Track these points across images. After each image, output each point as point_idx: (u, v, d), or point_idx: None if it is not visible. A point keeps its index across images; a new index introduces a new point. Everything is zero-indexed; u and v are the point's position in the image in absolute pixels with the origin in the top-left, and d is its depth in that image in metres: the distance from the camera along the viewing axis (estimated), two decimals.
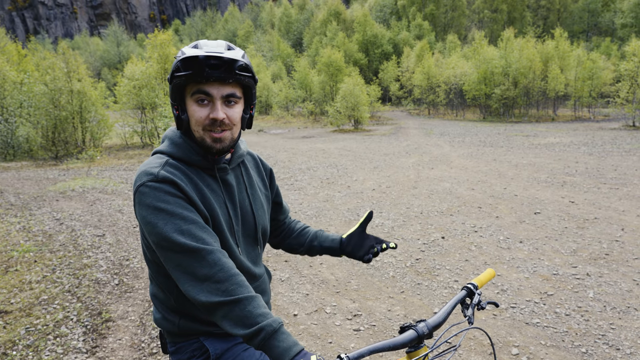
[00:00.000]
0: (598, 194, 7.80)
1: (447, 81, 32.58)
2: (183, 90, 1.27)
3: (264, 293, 1.52)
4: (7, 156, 16.60)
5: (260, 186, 1.54)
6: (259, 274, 1.47)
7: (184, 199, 1.23)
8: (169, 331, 1.40)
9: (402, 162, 12.40)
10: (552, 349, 3.21)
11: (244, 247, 1.43)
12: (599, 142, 15.20)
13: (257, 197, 1.49)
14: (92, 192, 9.39)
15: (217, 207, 1.32)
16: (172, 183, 1.23)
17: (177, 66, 1.23)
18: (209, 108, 1.25)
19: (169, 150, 1.33)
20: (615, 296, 4.00)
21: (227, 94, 1.26)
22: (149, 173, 1.23)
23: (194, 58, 1.20)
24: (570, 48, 31.54)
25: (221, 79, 1.22)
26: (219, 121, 1.25)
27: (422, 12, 57.84)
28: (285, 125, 29.72)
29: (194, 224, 1.20)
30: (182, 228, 1.18)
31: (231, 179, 1.41)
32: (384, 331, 3.54)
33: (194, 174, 1.31)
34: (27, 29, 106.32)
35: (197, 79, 1.22)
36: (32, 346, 3.39)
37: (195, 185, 1.29)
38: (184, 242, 1.16)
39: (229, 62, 1.21)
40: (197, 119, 1.26)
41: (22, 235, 6.30)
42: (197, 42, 1.28)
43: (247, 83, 1.29)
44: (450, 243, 5.61)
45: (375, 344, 1.06)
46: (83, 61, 19.16)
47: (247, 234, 1.44)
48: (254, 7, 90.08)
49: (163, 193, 1.21)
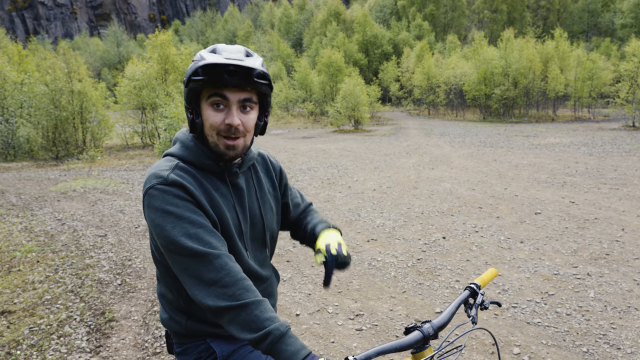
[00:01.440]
0: (598, 194, 7.82)
1: (447, 81, 32.61)
2: (199, 94, 1.27)
3: (271, 296, 1.52)
4: (7, 156, 16.62)
5: (270, 188, 1.54)
6: (266, 277, 1.48)
7: (193, 203, 1.24)
8: (175, 332, 1.41)
9: (403, 162, 12.42)
10: (554, 348, 3.23)
11: (252, 250, 1.43)
12: (599, 143, 15.22)
13: (266, 201, 1.49)
14: (93, 193, 9.41)
15: (226, 211, 1.32)
16: (181, 186, 1.23)
17: (196, 70, 1.22)
18: (225, 113, 1.25)
19: (180, 153, 1.33)
20: (615, 296, 4.02)
21: (244, 99, 1.26)
22: (158, 176, 1.24)
23: (215, 65, 1.20)
24: (570, 48, 31.60)
25: (239, 86, 1.23)
26: (234, 127, 1.25)
27: (422, 13, 57.90)
28: (285, 126, 29.74)
29: (202, 227, 1.21)
30: (190, 232, 1.19)
31: (241, 183, 1.41)
32: (386, 331, 3.55)
33: (204, 178, 1.31)
34: (27, 30, 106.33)
35: (214, 84, 1.22)
36: (36, 346, 3.41)
37: (205, 189, 1.30)
38: (191, 246, 1.17)
39: (247, 70, 1.21)
40: (212, 123, 1.26)
41: (24, 236, 6.32)
42: (215, 47, 1.28)
43: (264, 90, 1.29)
44: (451, 243, 5.63)
45: (382, 346, 1.06)
46: (83, 61, 19.18)
47: (256, 237, 1.45)
48: (253, 8, 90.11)
49: (172, 196, 1.21)
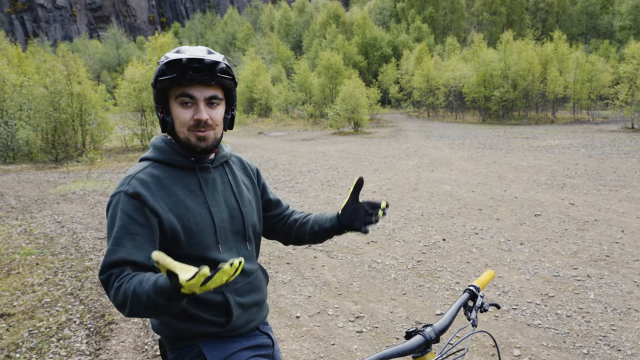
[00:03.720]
0: (598, 196, 7.82)
1: (447, 84, 32.64)
2: (167, 93, 1.34)
3: (258, 290, 1.50)
4: (7, 159, 16.61)
5: (248, 185, 1.56)
6: (249, 271, 1.47)
7: (139, 215, 1.27)
8: (167, 337, 1.40)
9: (403, 164, 12.42)
10: (554, 350, 3.22)
11: (234, 244, 1.44)
12: (598, 145, 15.24)
13: (243, 195, 1.50)
14: (92, 195, 9.40)
15: (192, 208, 1.35)
16: (134, 196, 1.29)
17: (162, 70, 1.29)
18: (193, 110, 1.32)
19: (152, 155, 1.40)
20: (616, 297, 4.01)
21: (210, 96, 1.32)
22: (121, 183, 1.33)
23: (178, 61, 1.26)
24: (569, 50, 31.68)
25: (203, 82, 1.28)
26: (203, 122, 1.31)
27: (421, 15, 57.97)
28: (285, 128, 29.75)
29: (129, 242, 1.25)
30: (112, 248, 1.24)
31: (215, 177, 1.44)
32: (387, 333, 3.55)
33: (172, 177, 1.36)
34: (26, 32, 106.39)
35: (180, 82, 1.28)
36: (35, 349, 3.40)
37: (168, 191, 1.34)
38: (103, 263, 1.23)
39: (210, 65, 1.27)
40: (181, 120, 1.32)
41: (23, 238, 6.31)
42: (179, 48, 1.34)
43: (228, 85, 1.35)
44: (451, 245, 5.63)
45: (384, 351, 1.07)
46: (83, 64, 19.20)
47: (236, 231, 1.45)
48: (253, 10, 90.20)
49: (119, 210, 1.28)
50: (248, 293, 1.45)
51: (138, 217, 1.27)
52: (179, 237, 1.32)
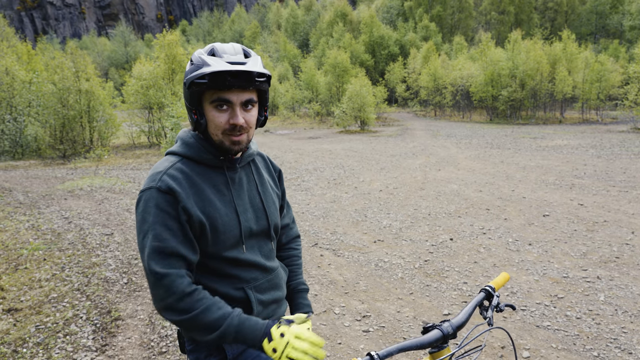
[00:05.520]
0: (607, 196, 7.74)
1: (454, 83, 32.47)
2: (201, 95, 1.31)
3: (278, 288, 1.52)
4: (15, 155, 16.72)
5: (272, 184, 1.58)
6: (271, 268, 1.49)
7: (173, 211, 1.27)
8: None
9: (409, 163, 12.37)
10: (564, 352, 3.18)
11: (256, 243, 1.45)
12: (607, 145, 15.09)
13: (268, 194, 1.51)
14: (100, 191, 9.44)
15: (220, 208, 1.35)
16: (168, 192, 1.27)
17: (200, 74, 1.26)
18: (228, 113, 1.31)
19: (181, 151, 1.38)
20: (626, 300, 3.96)
21: (246, 100, 1.31)
22: (152, 179, 1.30)
23: (220, 72, 1.24)
24: (578, 50, 31.37)
25: (241, 87, 1.28)
26: (239, 126, 1.30)
27: (428, 14, 57.71)
28: (291, 126, 29.75)
29: (170, 239, 1.25)
30: (153, 245, 1.24)
31: (241, 176, 1.45)
32: (394, 333, 3.52)
33: (201, 175, 1.35)
34: (35, 29, 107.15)
35: (218, 87, 1.27)
36: (42, 344, 3.40)
37: (198, 189, 1.33)
38: (146, 262, 1.24)
39: (249, 72, 1.26)
40: (217, 124, 1.31)
41: (31, 234, 6.34)
42: (213, 47, 1.31)
43: (264, 88, 1.35)
44: (458, 245, 5.58)
45: (402, 343, 1.10)
46: (91, 61, 19.27)
47: (260, 230, 1.46)
48: (260, 8, 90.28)
49: (153, 205, 1.27)
50: (268, 290, 1.46)
51: (173, 212, 1.27)
52: (206, 236, 1.32)
